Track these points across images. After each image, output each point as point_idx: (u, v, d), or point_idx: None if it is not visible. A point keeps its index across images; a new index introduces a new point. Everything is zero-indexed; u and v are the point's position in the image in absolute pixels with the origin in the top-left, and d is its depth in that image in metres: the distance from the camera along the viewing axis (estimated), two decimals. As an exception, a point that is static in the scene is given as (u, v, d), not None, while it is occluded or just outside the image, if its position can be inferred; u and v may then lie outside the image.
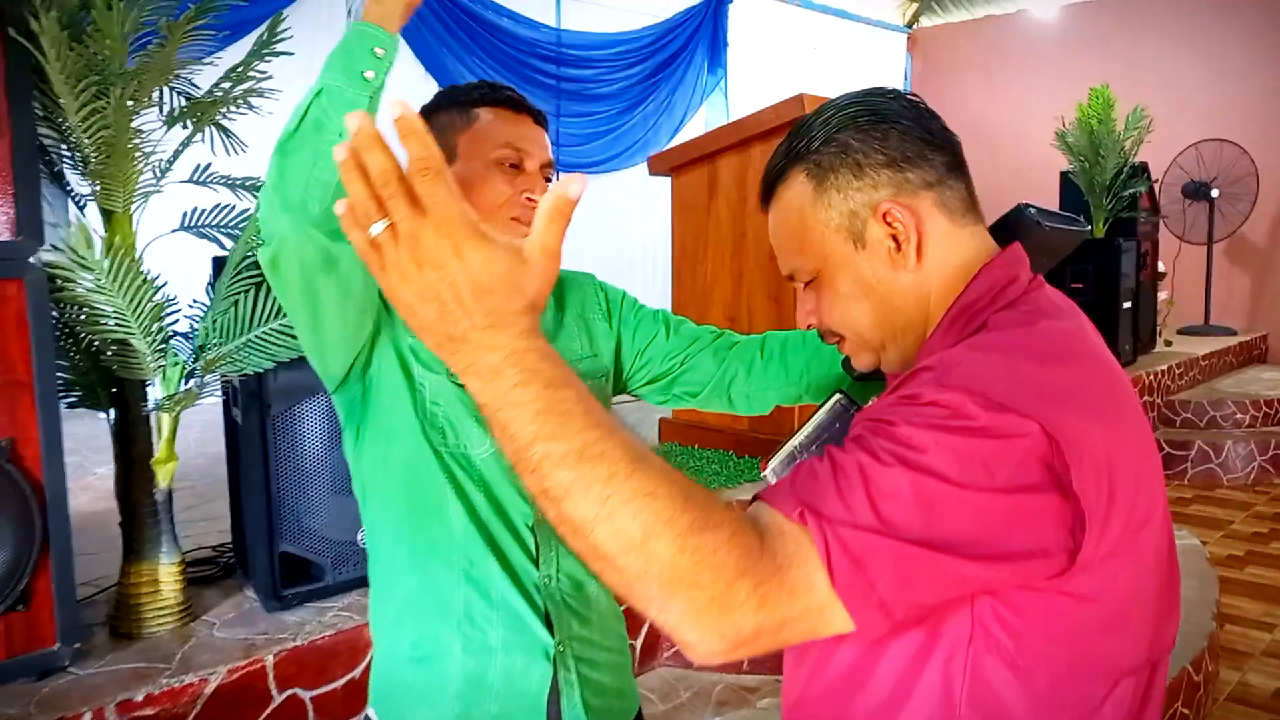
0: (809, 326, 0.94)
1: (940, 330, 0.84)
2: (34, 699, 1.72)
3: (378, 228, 0.60)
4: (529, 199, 1.15)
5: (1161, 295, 6.73)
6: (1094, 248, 5.81)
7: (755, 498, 0.71)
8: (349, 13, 5.62)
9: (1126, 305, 5.81)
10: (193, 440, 3.78)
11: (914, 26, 9.99)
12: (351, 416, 1.18)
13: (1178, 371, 6.20)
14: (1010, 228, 0.92)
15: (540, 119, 1.22)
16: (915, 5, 9.84)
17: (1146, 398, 5.82)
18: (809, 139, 0.86)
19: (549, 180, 1.21)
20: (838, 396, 1.04)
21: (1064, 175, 6.26)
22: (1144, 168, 6.18)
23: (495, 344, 0.62)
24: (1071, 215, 1.04)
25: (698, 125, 7.56)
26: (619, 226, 6.99)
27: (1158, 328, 6.68)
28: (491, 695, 1.15)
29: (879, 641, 0.81)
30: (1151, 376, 5.85)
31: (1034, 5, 8.62)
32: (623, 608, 1.28)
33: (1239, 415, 5.92)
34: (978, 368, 0.72)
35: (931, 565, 0.67)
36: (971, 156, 0.89)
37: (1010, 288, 0.83)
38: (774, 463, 1.03)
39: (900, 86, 6.21)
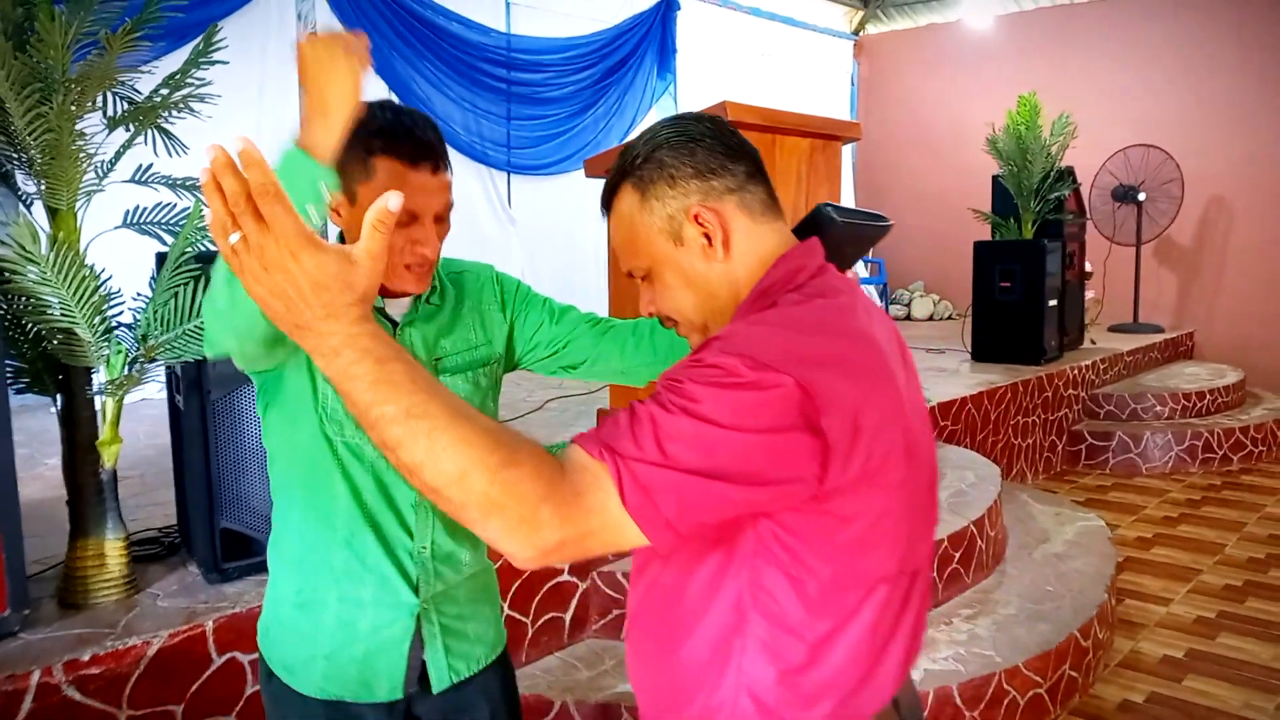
0: (649, 315, 1.12)
1: (742, 308, 1.02)
2: (-16, 660, 1.85)
3: (234, 238, 0.76)
4: (419, 250, 1.27)
5: (1089, 294, 7.03)
6: (1021, 248, 6.08)
7: (570, 441, 0.89)
8: (299, 16, 5.73)
9: (1052, 303, 6.08)
10: (141, 434, 3.89)
11: (860, 34, 10.26)
12: (262, 396, 1.37)
13: (1102, 366, 6.49)
14: (812, 224, 1.10)
15: (439, 163, 1.28)
16: (861, 13, 10.12)
17: (1071, 391, 6.10)
18: (634, 158, 1.05)
19: (441, 221, 1.31)
20: None
21: (995, 179, 6.53)
22: (1070, 172, 6.46)
23: (333, 330, 0.79)
24: (873, 213, 1.21)
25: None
26: (570, 227, 7.16)
27: (1085, 325, 6.98)
28: (359, 639, 1.35)
29: (690, 562, 0.99)
30: (1076, 371, 6.14)
31: (969, 15, 8.91)
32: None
33: (1159, 408, 6.22)
34: (750, 336, 0.91)
35: (706, 491, 0.85)
36: (914, 158, 1.06)
37: (800, 274, 1.02)
38: None
39: (847, 91, 6.52)
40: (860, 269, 10.11)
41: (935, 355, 6.64)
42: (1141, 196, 7.74)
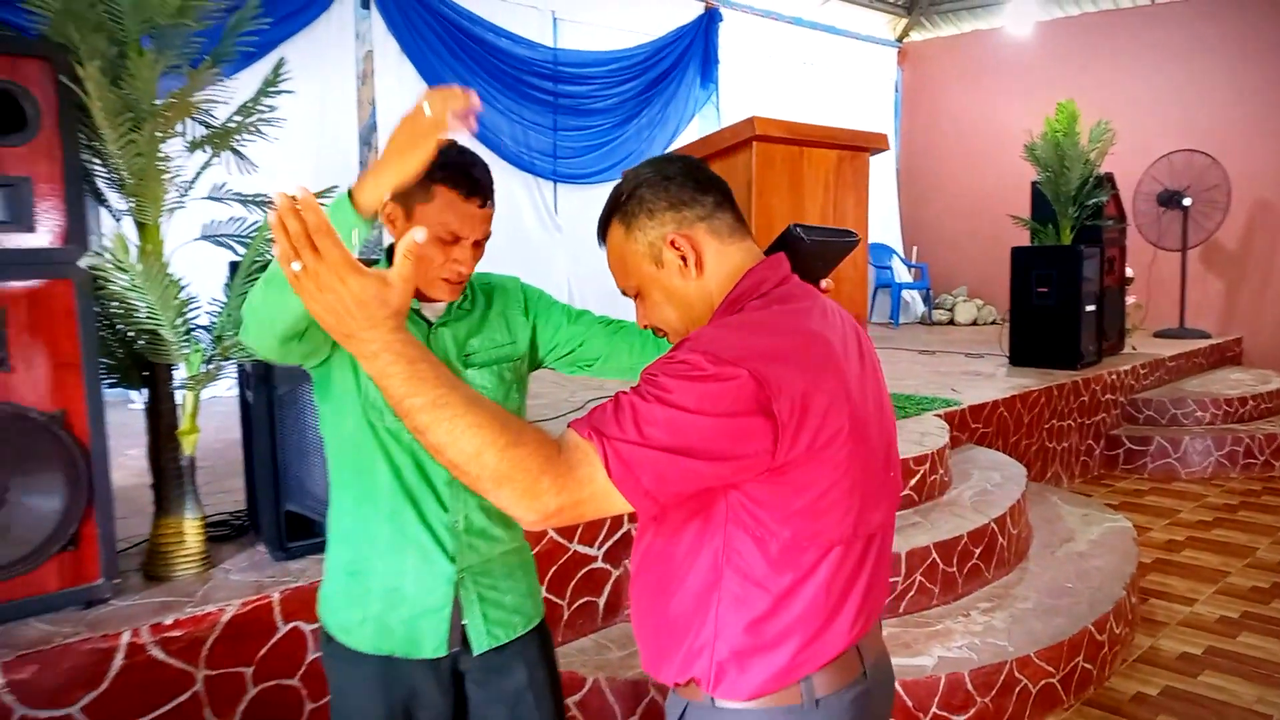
0: (644, 327, 1.31)
1: (715, 315, 1.21)
2: (84, 621, 2.10)
3: (295, 266, 0.96)
4: (456, 268, 1.49)
5: (1130, 299, 7.03)
6: (1057, 254, 6.14)
7: (569, 426, 1.08)
8: (357, 36, 6.03)
9: (1090, 308, 6.13)
10: (211, 429, 4.15)
11: (904, 41, 10.32)
12: (317, 389, 1.59)
13: (1142, 371, 6.51)
14: (782, 243, 1.28)
15: (486, 200, 1.50)
16: (905, 20, 10.19)
17: (1109, 395, 6.14)
18: (620, 196, 1.25)
19: (479, 246, 1.52)
20: None
21: (1034, 185, 6.59)
22: (1108, 178, 6.50)
23: (373, 337, 0.99)
24: (842, 229, 1.38)
25: (691, 137, 7.94)
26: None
27: (1126, 330, 6.99)
28: (404, 603, 1.54)
29: (675, 530, 1.18)
30: (1114, 375, 6.17)
31: (1011, 21, 8.94)
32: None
33: (1199, 413, 6.23)
34: (714, 337, 1.10)
35: (677, 465, 1.03)
36: (957, 163, 1.19)
37: (764, 284, 1.20)
38: None
39: (890, 98, 6.71)
40: (903, 273, 10.18)
41: (973, 359, 6.71)
42: (1187, 201, 7.72)
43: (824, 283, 1.42)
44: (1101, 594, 3.35)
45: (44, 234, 2.11)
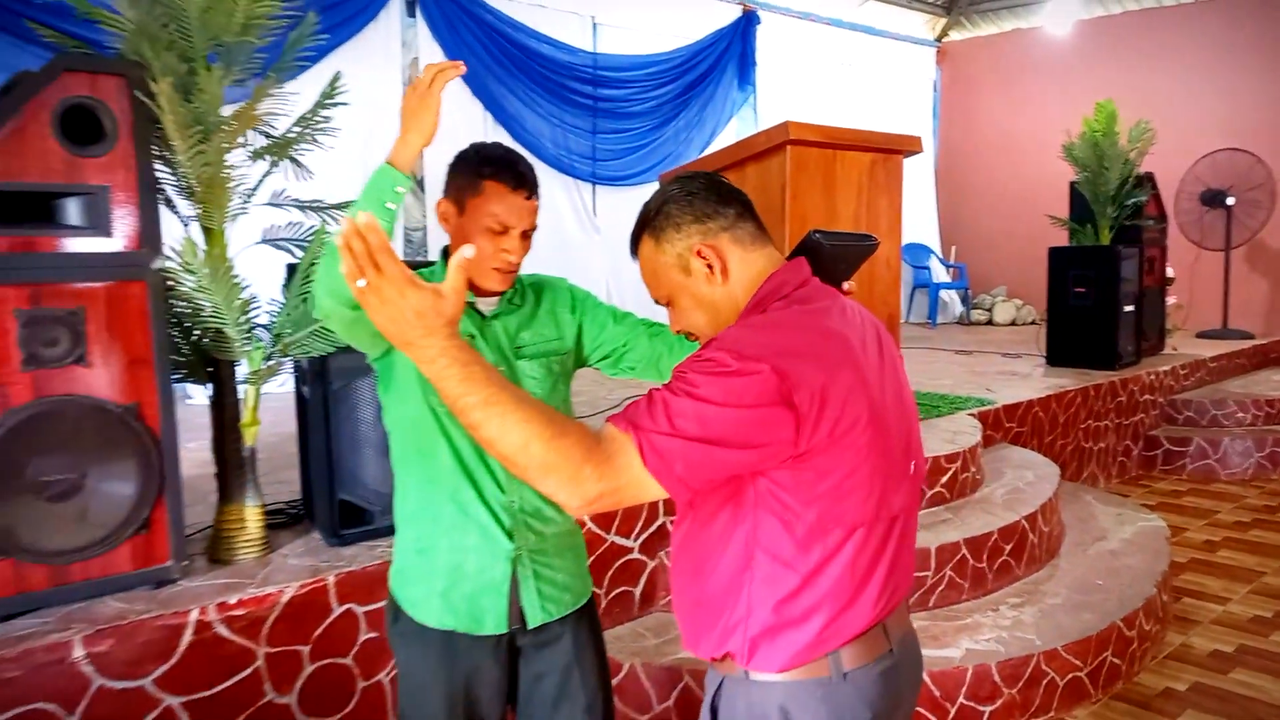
0: (677, 333, 1.42)
1: (740, 317, 1.31)
2: (155, 600, 2.25)
3: (361, 283, 1.08)
4: (506, 257, 1.62)
5: (1170, 299, 6.99)
6: (1095, 254, 6.13)
7: (607, 420, 1.19)
8: (403, 44, 6.20)
9: (1129, 309, 6.11)
10: (267, 424, 4.34)
11: (943, 40, 10.30)
12: (381, 381, 1.71)
13: (1182, 372, 6.47)
14: (803, 248, 1.38)
15: (531, 192, 1.64)
16: (944, 20, 10.17)
17: (1148, 396, 6.12)
18: (649, 213, 1.36)
19: (526, 238, 1.65)
20: None
21: (1072, 185, 6.58)
22: (1148, 178, 6.47)
23: (430, 344, 1.10)
24: (861, 234, 1.48)
25: (729, 138, 8.02)
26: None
27: (1167, 330, 6.95)
28: (467, 579, 1.66)
29: (709, 515, 1.28)
30: (1153, 376, 6.15)
31: (1050, 20, 8.90)
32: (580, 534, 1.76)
33: (1240, 414, 6.18)
34: (738, 336, 1.20)
35: (706, 454, 1.13)
36: (996, 163, 1.25)
37: (785, 287, 1.30)
38: None
39: (929, 98, 6.80)
40: (941, 273, 10.16)
41: (1010, 360, 6.72)
42: (1230, 200, 7.65)
43: (846, 285, 1.51)
44: (1132, 591, 3.38)
45: (120, 238, 2.26)
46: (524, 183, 1.62)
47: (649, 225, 1.35)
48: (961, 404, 4.82)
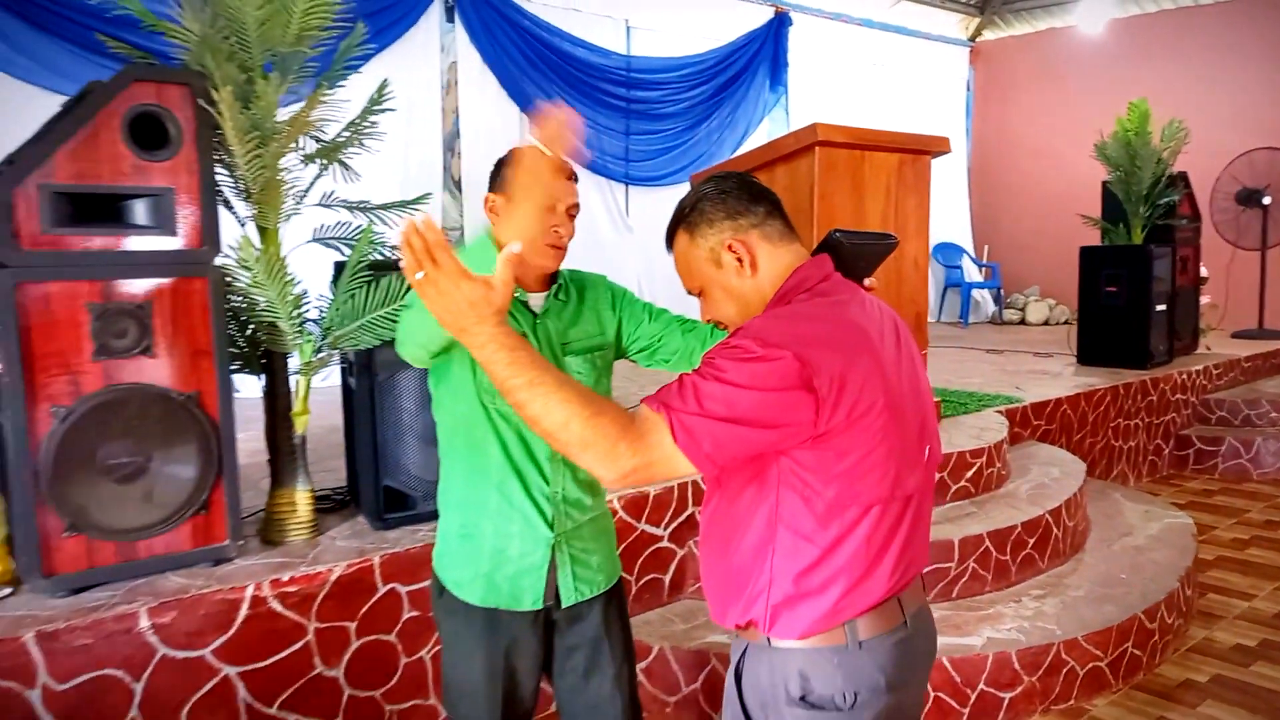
0: (707, 322, 1.52)
1: (767, 308, 1.41)
2: (213, 576, 2.41)
3: (419, 275, 1.20)
4: (555, 231, 1.75)
5: (1204, 299, 6.96)
6: (1126, 253, 6.14)
7: (641, 401, 1.29)
8: (442, 49, 6.36)
9: (1160, 308, 6.11)
10: (311, 417, 4.52)
11: (976, 40, 10.30)
12: (434, 377, 1.82)
13: (1215, 372, 6.45)
14: (826, 246, 1.48)
15: (573, 175, 1.78)
16: (977, 20, 10.17)
17: (1180, 395, 6.11)
18: (684, 209, 1.46)
19: (571, 217, 1.78)
20: None
21: (1104, 185, 6.58)
22: (1181, 177, 6.46)
23: (482, 330, 1.21)
24: (881, 234, 1.57)
25: (760, 139, 8.10)
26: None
27: (1201, 330, 6.92)
28: (509, 562, 1.77)
29: (735, 492, 1.39)
30: (1185, 376, 6.15)
31: (1083, 19, 8.87)
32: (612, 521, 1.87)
33: (1274, 414, 6.16)
34: (763, 325, 1.30)
35: (732, 432, 1.24)
36: (1030, 163, 1.31)
37: (808, 280, 1.40)
38: None
39: (962, 97, 6.84)
40: (974, 273, 10.16)
41: (1041, 359, 6.74)
42: (1267, 200, 7.59)
43: (867, 281, 1.61)
44: (1154, 585, 3.43)
45: (183, 237, 2.42)
46: (565, 166, 1.75)
47: (684, 221, 1.46)
48: (990, 401, 4.88)
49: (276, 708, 2.41)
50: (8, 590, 2.32)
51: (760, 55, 8.17)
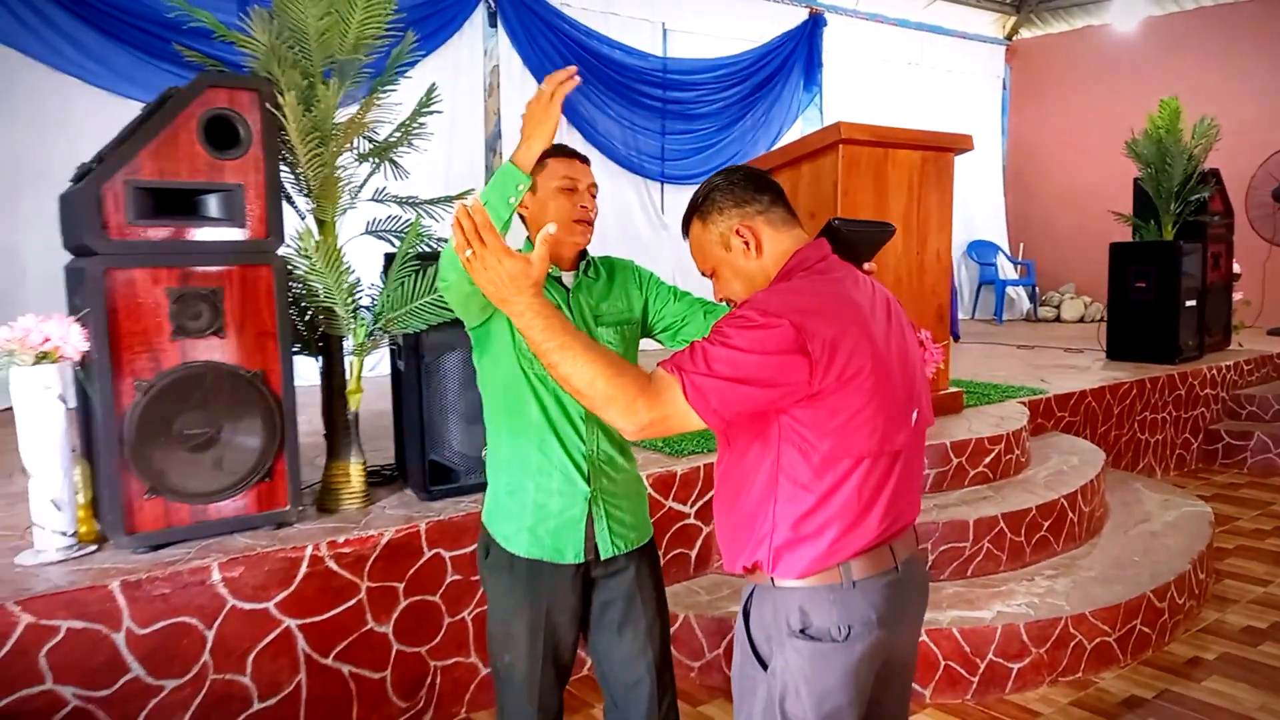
0: (719, 299, 1.71)
1: (770, 284, 1.60)
2: (276, 537, 2.65)
3: (468, 253, 1.41)
4: (582, 208, 1.95)
5: (1237, 296, 6.98)
6: (1156, 250, 6.20)
7: (658, 364, 1.48)
8: (485, 53, 6.61)
9: (1190, 304, 6.17)
10: (363, 400, 4.77)
11: (1013, 38, 10.33)
12: (477, 347, 2.02)
13: (1247, 368, 6.48)
14: (826, 231, 1.66)
15: (585, 159, 1.99)
16: (1014, 18, 10.20)
17: (1209, 390, 6.16)
18: (698, 199, 1.65)
19: (594, 195, 1.98)
20: None
21: (1136, 181, 6.64)
22: (1213, 174, 6.50)
23: (520, 300, 1.42)
24: (880, 222, 1.75)
25: (794, 138, 8.24)
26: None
27: (1234, 326, 6.94)
28: (551, 516, 1.95)
29: (742, 448, 1.57)
30: (1215, 371, 6.19)
31: (1118, 16, 8.88)
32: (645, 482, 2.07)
33: (1305, 410, 6.18)
34: (764, 298, 1.48)
35: (736, 391, 1.42)
36: (1065, 160, 1.45)
37: (807, 261, 1.58)
38: None
39: (998, 95, 6.97)
40: (1009, 270, 10.19)
41: (1071, 354, 6.82)
42: (1303, 197, 7.57)
43: (866, 265, 1.78)
44: (1165, 567, 3.55)
45: (250, 229, 2.66)
46: (575, 153, 1.97)
47: (698, 210, 1.66)
48: (1013, 393, 4.99)
49: (332, 658, 2.64)
50: (94, 547, 2.58)
51: (795, 56, 8.31)
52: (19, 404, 2.43)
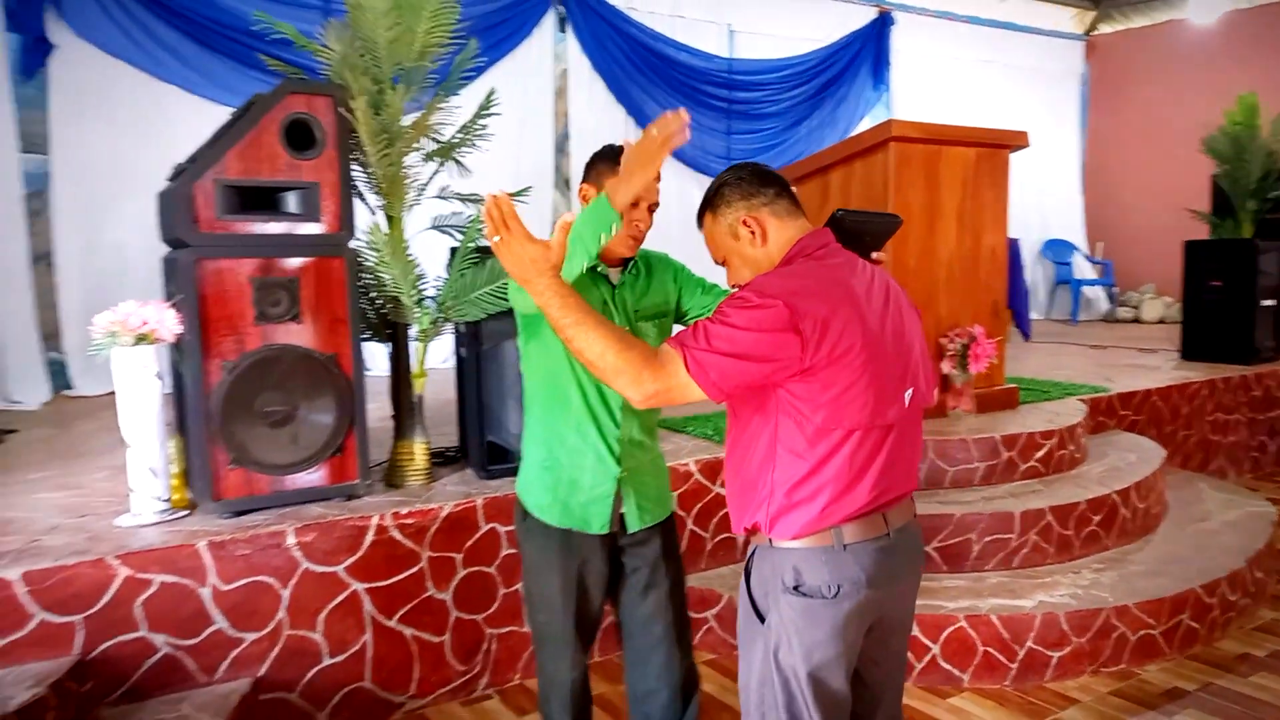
0: (730, 286, 1.84)
1: (773, 270, 1.73)
2: (346, 508, 2.87)
3: (496, 238, 1.57)
4: (636, 223, 2.05)
5: (1322, 295, 6.75)
6: (1231, 248, 6.06)
7: (664, 341, 1.62)
8: (555, 58, 6.83)
9: (1267, 303, 6.01)
10: (430, 389, 5.02)
11: (1092, 34, 10.12)
12: (525, 333, 2.17)
13: (1329, 369, 6.27)
14: (831, 221, 1.78)
15: (657, 175, 2.00)
16: (1093, 14, 10.00)
17: (1287, 392, 6.00)
18: (710, 194, 1.79)
19: (652, 211, 2.08)
20: None
21: (1213, 179, 6.49)
22: (1293, 170, 6.31)
23: (540, 280, 1.58)
24: (885, 214, 1.85)
25: (862, 138, 8.26)
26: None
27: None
28: (582, 491, 2.10)
29: (745, 420, 1.70)
30: (1293, 372, 6.02)
31: (1195, 10, 8.64)
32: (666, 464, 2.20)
33: (1392, 413, 5.96)
34: (762, 281, 1.61)
35: (734, 365, 1.55)
36: (1145, 156, 1.57)
37: (809, 248, 1.70)
38: None
39: (1076, 92, 6.93)
40: (1087, 270, 9.99)
41: (1145, 354, 6.69)
42: (1397, 193, 7.26)
43: (875, 255, 1.88)
44: (1216, 564, 3.53)
45: (325, 223, 2.88)
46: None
47: (709, 203, 1.80)
48: (1074, 390, 4.97)
49: (396, 620, 2.85)
50: (185, 512, 2.84)
51: (862, 55, 8.33)
52: (120, 381, 2.70)
